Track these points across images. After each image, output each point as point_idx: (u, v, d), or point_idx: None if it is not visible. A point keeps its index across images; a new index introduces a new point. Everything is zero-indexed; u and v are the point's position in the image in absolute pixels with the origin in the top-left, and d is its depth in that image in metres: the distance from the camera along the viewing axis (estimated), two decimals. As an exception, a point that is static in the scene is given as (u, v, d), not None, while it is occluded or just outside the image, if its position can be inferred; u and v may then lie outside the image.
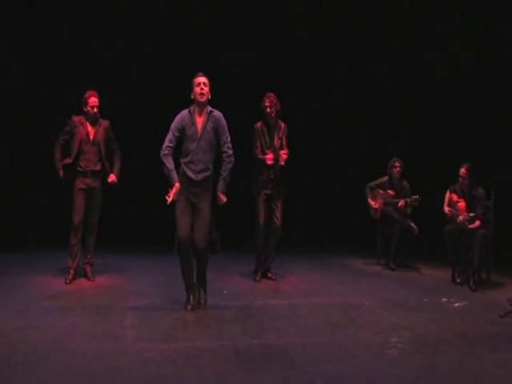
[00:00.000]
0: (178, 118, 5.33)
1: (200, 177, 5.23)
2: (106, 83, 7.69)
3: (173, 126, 5.31)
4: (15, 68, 8.64)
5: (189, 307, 5.25)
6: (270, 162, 6.52)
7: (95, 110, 6.27)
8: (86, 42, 8.78)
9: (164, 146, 5.28)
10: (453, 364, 4.06)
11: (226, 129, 5.34)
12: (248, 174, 6.81)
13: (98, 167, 6.36)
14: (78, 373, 3.73)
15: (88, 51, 8.77)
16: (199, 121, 5.27)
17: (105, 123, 6.40)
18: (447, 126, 9.05)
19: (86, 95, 6.28)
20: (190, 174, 5.23)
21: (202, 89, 5.22)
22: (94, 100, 6.26)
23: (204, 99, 5.25)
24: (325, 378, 3.74)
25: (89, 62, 8.74)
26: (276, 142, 6.63)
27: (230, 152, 5.35)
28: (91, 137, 6.29)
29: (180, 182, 5.20)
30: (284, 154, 6.50)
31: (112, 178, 6.35)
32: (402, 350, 4.35)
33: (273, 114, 6.60)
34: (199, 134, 5.23)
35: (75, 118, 6.31)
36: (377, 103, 9.66)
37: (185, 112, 5.33)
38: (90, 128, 6.30)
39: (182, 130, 5.27)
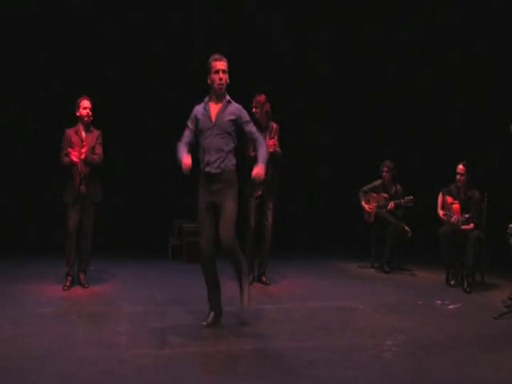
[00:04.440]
0: (193, 111, 4.97)
1: (218, 168, 4.77)
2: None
3: (188, 120, 4.96)
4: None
5: (204, 323, 4.86)
6: (271, 150, 6.41)
7: (88, 111, 6.26)
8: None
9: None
10: (448, 366, 4.07)
11: (249, 118, 4.96)
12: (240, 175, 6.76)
13: (91, 173, 6.34)
14: (73, 380, 3.72)
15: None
16: (214, 107, 4.83)
17: (96, 132, 6.41)
18: (442, 127, 9.10)
19: (79, 100, 6.31)
20: (207, 166, 4.78)
21: (220, 78, 4.75)
22: (85, 103, 6.28)
23: (223, 90, 4.82)
24: (319, 382, 3.74)
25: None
26: (267, 140, 6.60)
27: (260, 136, 5.03)
28: (84, 143, 6.27)
29: (200, 182, 4.87)
30: (271, 142, 6.48)
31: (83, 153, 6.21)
32: (397, 353, 4.36)
33: (258, 115, 6.56)
34: (213, 120, 4.79)
35: (68, 131, 6.32)
36: (371, 104, 9.70)
37: (199, 105, 4.94)
38: (83, 135, 6.30)
39: (195, 122, 4.89)
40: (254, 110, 6.56)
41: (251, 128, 4.95)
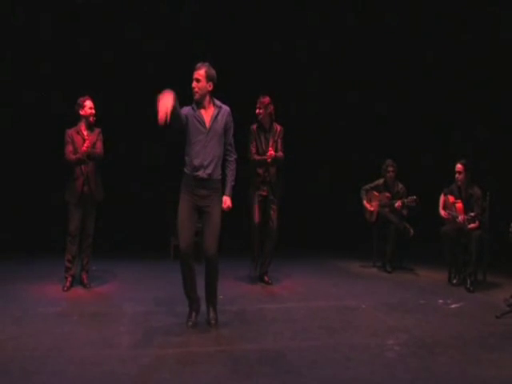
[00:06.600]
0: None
1: (208, 174, 4.80)
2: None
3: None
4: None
5: (190, 323, 4.91)
6: (269, 160, 6.51)
7: (93, 111, 6.25)
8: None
9: None
10: (450, 365, 4.07)
11: (232, 127, 4.98)
12: (242, 177, 6.77)
13: (93, 173, 6.33)
14: (75, 379, 3.72)
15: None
16: (206, 113, 4.85)
17: (97, 130, 6.40)
18: (444, 127, 9.09)
19: (81, 99, 6.26)
20: (198, 170, 4.80)
21: (193, 88, 4.82)
22: (90, 103, 6.26)
23: (197, 97, 4.84)
24: (322, 382, 3.74)
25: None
26: (271, 144, 6.61)
27: (234, 152, 5.01)
28: (87, 143, 6.26)
29: (184, 185, 4.88)
30: (270, 152, 6.50)
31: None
32: (399, 352, 4.36)
33: (262, 116, 6.58)
34: (207, 126, 4.81)
35: (69, 131, 6.29)
36: (374, 105, 9.69)
37: (187, 108, 4.90)
38: (85, 134, 6.28)
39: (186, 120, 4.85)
40: (257, 110, 6.57)
41: (230, 139, 4.99)
